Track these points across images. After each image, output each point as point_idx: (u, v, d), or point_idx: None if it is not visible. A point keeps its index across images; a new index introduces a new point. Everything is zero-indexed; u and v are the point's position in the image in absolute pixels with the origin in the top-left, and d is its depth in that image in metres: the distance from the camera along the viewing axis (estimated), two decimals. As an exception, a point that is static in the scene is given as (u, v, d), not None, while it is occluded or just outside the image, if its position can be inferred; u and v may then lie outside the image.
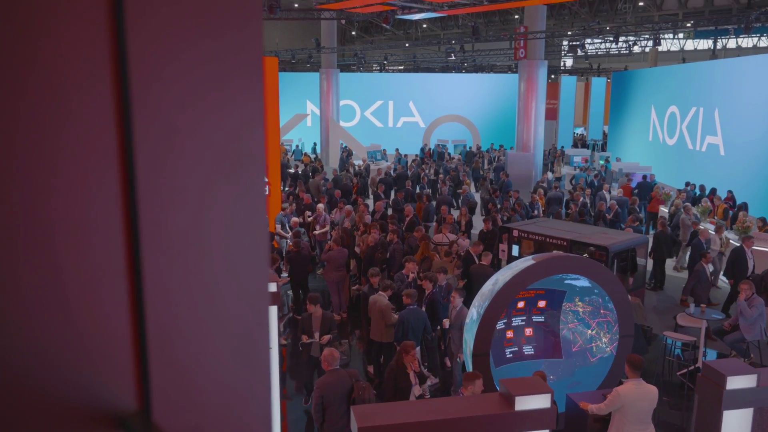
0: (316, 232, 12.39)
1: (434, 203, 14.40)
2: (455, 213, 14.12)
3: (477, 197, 17.50)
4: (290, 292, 10.52)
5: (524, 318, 7.54)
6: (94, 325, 0.61)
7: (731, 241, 12.41)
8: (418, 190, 17.40)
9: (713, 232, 11.81)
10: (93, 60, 0.57)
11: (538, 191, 15.18)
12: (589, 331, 7.55)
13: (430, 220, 13.43)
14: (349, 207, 13.13)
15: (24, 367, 0.57)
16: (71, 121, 0.57)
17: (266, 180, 12.64)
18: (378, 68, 38.84)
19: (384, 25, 17.51)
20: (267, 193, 11.53)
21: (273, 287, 6.35)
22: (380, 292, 7.79)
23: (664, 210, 15.48)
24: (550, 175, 20.68)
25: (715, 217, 13.92)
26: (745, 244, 10.20)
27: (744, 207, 13.82)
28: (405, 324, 7.23)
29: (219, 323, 0.67)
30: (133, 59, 0.58)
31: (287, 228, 11.97)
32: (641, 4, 32.49)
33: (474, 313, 6.98)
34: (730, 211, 13.97)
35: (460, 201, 15.03)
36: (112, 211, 0.60)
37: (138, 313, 0.62)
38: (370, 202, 16.50)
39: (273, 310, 6.96)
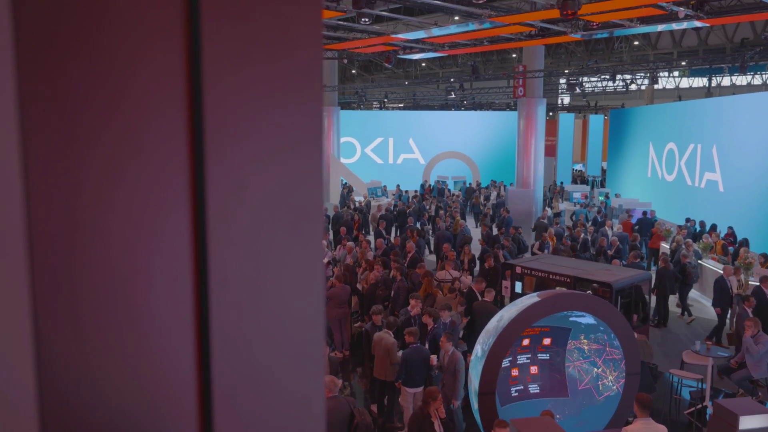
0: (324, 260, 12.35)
1: (423, 240, 14.46)
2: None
3: (478, 232, 17.53)
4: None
5: (529, 356, 7.49)
6: (161, 379, 0.62)
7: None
8: (418, 226, 17.42)
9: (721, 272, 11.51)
10: (171, 119, 0.60)
11: (548, 230, 15.12)
12: (596, 369, 7.48)
13: (420, 255, 13.38)
14: (351, 243, 13.14)
15: (89, 420, 0.58)
16: (147, 177, 0.59)
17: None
18: (378, 106, 39.34)
19: (386, 64, 17.81)
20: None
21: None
22: (385, 329, 7.74)
23: (665, 246, 15.49)
24: (549, 210, 20.75)
25: (716, 254, 13.93)
26: (763, 285, 9.99)
27: (745, 243, 13.84)
28: (408, 363, 7.15)
29: (280, 377, 0.69)
30: (209, 118, 0.61)
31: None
32: (636, 43, 33.11)
33: (479, 350, 6.93)
34: (730, 248, 13.97)
35: (457, 237, 15.04)
36: (182, 263, 0.62)
37: (204, 365, 0.63)
38: (371, 238, 16.51)
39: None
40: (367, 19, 10.76)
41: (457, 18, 13.76)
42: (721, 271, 11.33)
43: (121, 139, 0.59)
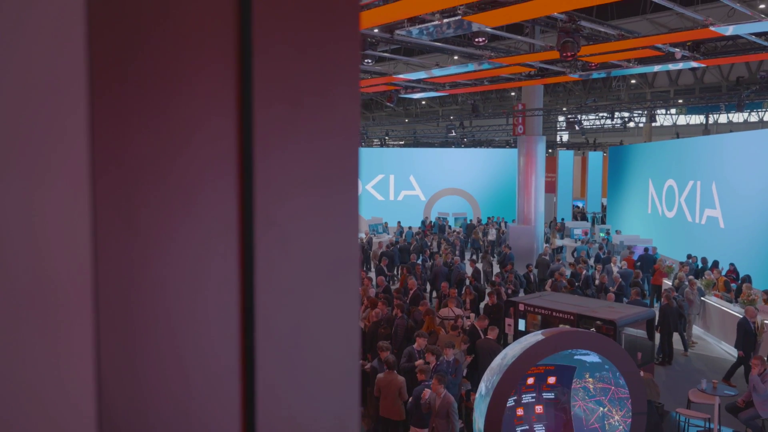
0: None
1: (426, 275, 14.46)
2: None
3: (479, 268, 17.53)
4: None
5: (534, 395, 7.41)
6: (209, 428, 0.65)
7: (738, 315, 12.33)
8: (420, 262, 17.42)
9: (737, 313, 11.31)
10: (225, 180, 0.65)
11: (560, 270, 15.06)
12: (601, 409, 7.40)
13: (422, 292, 13.33)
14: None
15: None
16: (200, 234, 0.64)
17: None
18: (379, 143, 39.71)
19: (388, 104, 18.08)
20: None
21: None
22: (388, 370, 7.67)
23: (667, 283, 15.46)
24: (549, 248, 20.80)
25: (718, 290, 13.89)
26: None
27: (747, 280, 13.82)
28: (418, 401, 7.09)
29: (319, 426, 0.72)
30: (259, 183, 0.66)
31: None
32: (633, 81, 33.61)
33: (483, 389, 6.87)
34: (733, 284, 13.95)
35: (452, 274, 15.03)
36: (231, 315, 0.66)
37: (249, 414, 0.67)
38: (372, 275, 16.48)
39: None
40: (369, 60, 10.97)
41: (456, 58, 14.03)
42: (733, 311, 11.27)
43: (178, 198, 0.63)
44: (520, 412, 7.31)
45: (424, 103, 41.40)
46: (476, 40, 9.46)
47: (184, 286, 0.64)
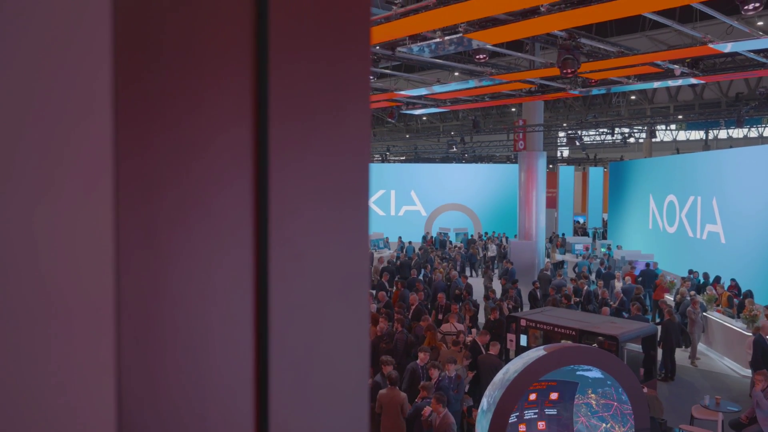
0: None
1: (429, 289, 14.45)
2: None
3: (476, 282, 17.51)
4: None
5: (537, 411, 7.37)
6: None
7: (741, 330, 12.31)
8: (421, 278, 17.41)
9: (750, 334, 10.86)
10: (240, 197, 0.67)
11: (567, 287, 15.05)
12: (604, 425, 7.36)
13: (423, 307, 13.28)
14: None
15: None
16: (218, 250, 0.66)
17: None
18: (380, 159, 39.83)
19: (389, 119, 18.17)
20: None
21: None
22: (390, 386, 7.65)
23: (669, 298, 15.43)
24: (550, 263, 20.80)
25: (720, 306, 13.86)
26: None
27: (750, 295, 13.79)
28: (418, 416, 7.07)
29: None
30: (273, 197, 0.68)
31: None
32: (633, 97, 33.78)
33: (485, 404, 6.85)
34: (735, 300, 13.92)
35: (450, 288, 15.05)
36: (245, 330, 0.68)
37: (263, 426, 0.68)
38: (372, 290, 16.45)
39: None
40: (371, 77, 11.04)
41: (457, 74, 14.14)
42: (736, 326, 11.19)
43: (194, 209, 0.65)
44: (522, 428, 7.27)
45: (425, 118, 41.57)
46: (477, 57, 9.55)
47: (200, 299, 0.66)
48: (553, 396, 7.39)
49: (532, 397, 7.29)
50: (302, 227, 0.72)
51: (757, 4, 7.42)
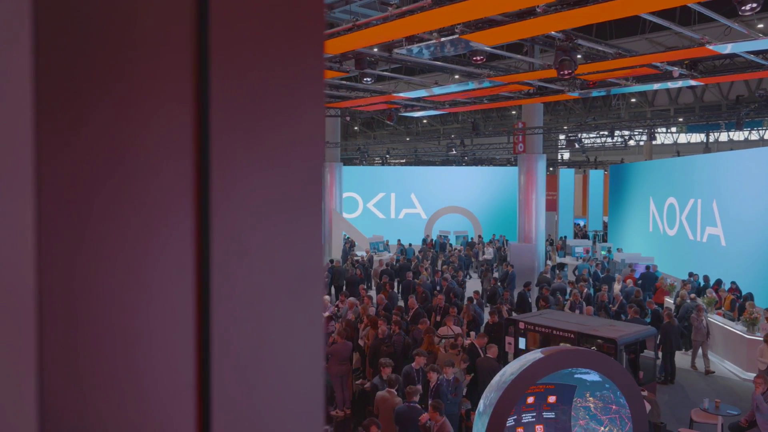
0: (325, 314, 12.23)
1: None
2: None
3: (473, 284, 17.47)
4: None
5: (534, 414, 7.32)
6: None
7: (741, 333, 12.26)
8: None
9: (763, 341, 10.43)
10: (182, 202, 0.63)
11: (579, 286, 14.97)
12: (602, 428, 7.31)
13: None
14: (352, 299, 13.07)
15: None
16: (152, 245, 0.62)
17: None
18: (380, 161, 39.83)
19: (388, 122, 18.15)
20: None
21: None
22: (388, 389, 7.61)
23: (669, 301, 15.37)
24: (550, 264, 20.79)
25: (722, 308, 13.80)
26: None
27: (750, 297, 13.74)
28: (400, 420, 7.02)
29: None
30: (216, 191, 0.65)
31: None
32: (633, 100, 33.75)
33: (481, 406, 6.82)
34: (737, 303, 13.86)
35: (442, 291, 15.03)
36: (186, 327, 0.64)
37: (205, 423, 0.65)
38: (372, 293, 16.42)
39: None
40: (369, 79, 11.04)
41: (457, 77, 14.13)
42: (736, 330, 11.05)
43: (130, 208, 0.62)
44: (520, 431, 7.22)
45: (425, 121, 41.57)
46: (474, 58, 9.53)
47: (135, 297, 0.62)
48: (551, 399, 7.34)
49: (530, 400, 7.24)
50: (248, 222, 0.68)
51: (755, 5, 7.39)
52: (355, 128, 45.28)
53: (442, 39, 8.30)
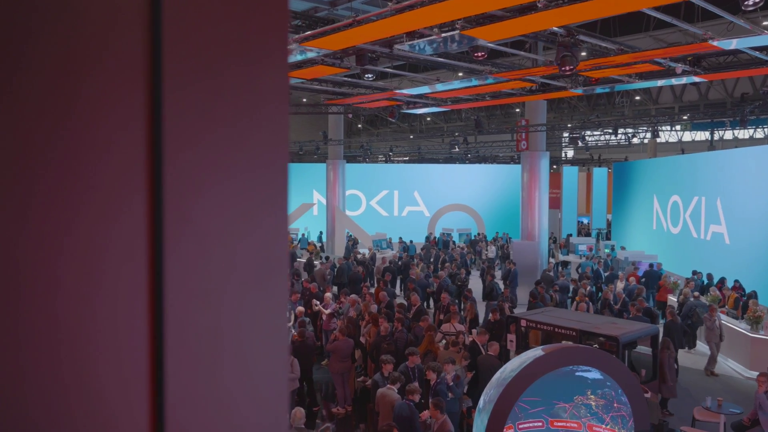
0: (326, 311, 12.25)
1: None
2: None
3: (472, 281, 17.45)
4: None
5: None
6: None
7: (744, 332, 12.19)
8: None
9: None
10: (131, 171, 0.61)
11: (582, 284, 14.90)
12: (603, 427, 7.27)
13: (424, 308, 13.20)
14: (354, 296, 13.05)
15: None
16: (105, 234, 0.60)
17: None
18: (383, 159, 39.78)
19: (390, 119, 18.11)
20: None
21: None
22: (389, 385, 7.58)
23: (672, 299, 15.31)
24: (553, 262, 20.75)
25: (726, 307, 13.73)
26: None
27: (754, 295, 13.66)
28: (397, 418, 6.99)
29: (238, 426, 0.68)
30: (168, 172, 0.62)
31: (287, 315, 11.78)
32: (638, 98, 33.62)
33: (481, 402, 6.80)
34: (740, 301, 13.79)
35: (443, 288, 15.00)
36: (138, 315, 0.62)
37: (158, 416, 0.62)
38: (373, 291, 16.38)
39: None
40: (370, 75, 11.00)
41: (461, 74, 14.07)
42: (740, 328, 10.94)
43: (76, 186, 0.59)
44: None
45: (429, 119, 41.51)
46: (475, 54, 9.47)
47: (83, 283, 0.60)
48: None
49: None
50: (206, 206, 0.66)
51: (758, 0, 7.33)
52: (359, 126, 45.24)
53: (443, 35, 8.26)
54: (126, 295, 0.61)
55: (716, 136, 36.13)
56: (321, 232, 29.51)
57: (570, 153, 44.68)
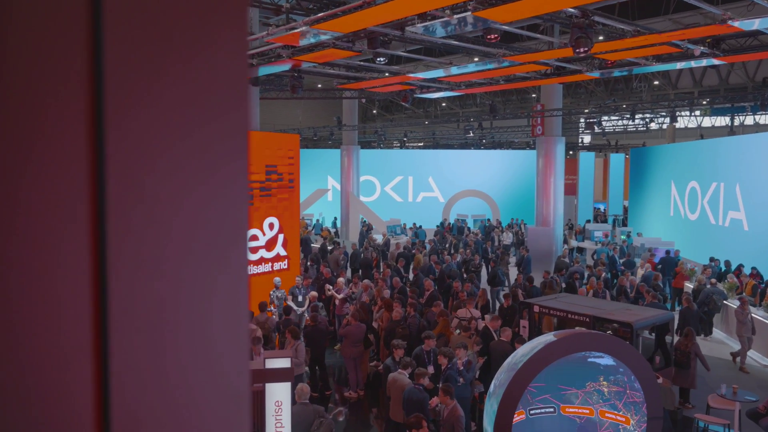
0: (339, 296, 12.29)
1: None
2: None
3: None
4: (307, 369, 10.12)
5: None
6: (55, 412, 0.57)
7: (763, 319, 12.01)
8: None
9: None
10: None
11: (597, 270, 14.81)
12: (616, 413, 7.22)
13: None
14: (367, 281, 13.05)
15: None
16: (44, 204, 0.56)
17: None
18: (398, 145, 39.63)
19: (403, 103, 17.98)
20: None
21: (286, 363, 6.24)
22: (400, 370, 7.58)
23: (689, 286, 15.13)
24: (567, 249, 20.60)
25: (743, 294, 13.53)
26: None
27: (772, 283, 13.45)
28: (405, 402, 6.99)
29: (194, 407, 0.64)
30: (111, 126, 0.58)
31: (300, 300, 11.81)
32: (656, 83, 33.08)
33: (492, 386, 6.78)
34: (758, 288, 13.58)
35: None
36: (80, 286, 0.58)
37: (103, 395, 0.59)
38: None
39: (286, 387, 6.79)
40: (382, 59, 10.88)
41: (477, 60, 13.90)
42: (758, 315, 10.75)
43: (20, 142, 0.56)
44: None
45: (444, 104, 41.23)
46: (488, 37, 9.32)
47: (23, 247, 0.56)
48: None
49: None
50: (154, 167, 0.62)
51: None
52: (374, 111, 45.06)
53: (455, 16, 8.14)
54: (67, 260, 0.57)
55: (737, 122, 35.50)
56: (335, 218, 29.54)
57: (587, 139, 44.19)
